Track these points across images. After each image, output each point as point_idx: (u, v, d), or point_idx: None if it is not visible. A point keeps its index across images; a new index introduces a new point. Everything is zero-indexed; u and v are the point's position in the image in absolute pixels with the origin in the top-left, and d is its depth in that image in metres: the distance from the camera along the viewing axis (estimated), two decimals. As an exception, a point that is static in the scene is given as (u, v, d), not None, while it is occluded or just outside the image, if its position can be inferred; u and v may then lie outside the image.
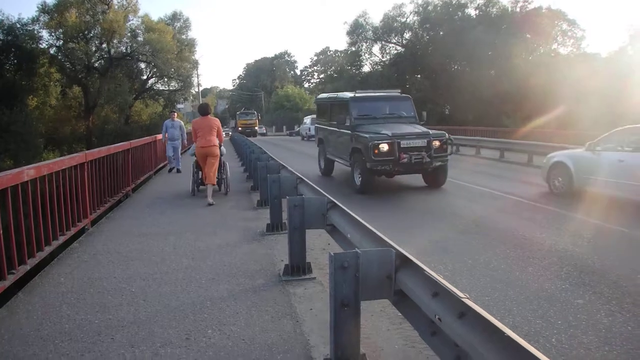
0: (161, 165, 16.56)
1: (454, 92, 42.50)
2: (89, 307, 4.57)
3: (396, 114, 12.97)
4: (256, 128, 57.12)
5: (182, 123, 16.54)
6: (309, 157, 19.85)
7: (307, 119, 42.42)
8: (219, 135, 10.23)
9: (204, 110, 10.38)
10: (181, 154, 16.65)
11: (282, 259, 5.87)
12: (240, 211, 9.26)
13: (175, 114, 16.30)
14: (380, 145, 10.94)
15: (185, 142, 17.99)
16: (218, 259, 6.05)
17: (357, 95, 13.23)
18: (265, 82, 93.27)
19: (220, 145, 10.37)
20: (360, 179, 11.62)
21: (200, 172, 10.93)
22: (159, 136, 16.03)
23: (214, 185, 10.36)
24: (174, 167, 15.93)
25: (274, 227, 7.39)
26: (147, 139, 14.58)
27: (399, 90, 13.94)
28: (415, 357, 3.66)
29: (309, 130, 37.45)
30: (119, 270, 5.69)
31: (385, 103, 13.36)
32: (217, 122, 10.37)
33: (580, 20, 58.79)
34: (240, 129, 52.72)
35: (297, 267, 5.33)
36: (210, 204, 9.74)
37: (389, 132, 11.27)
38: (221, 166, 11.02)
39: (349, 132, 12.31)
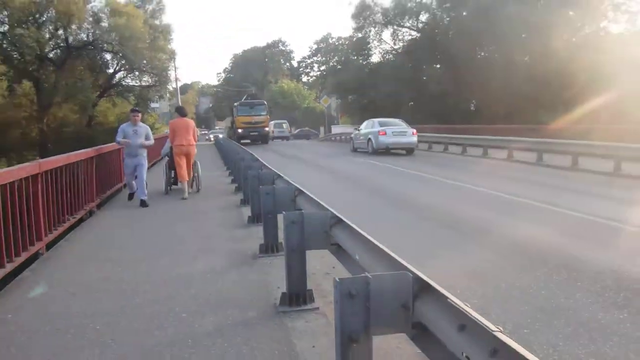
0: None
1: (480, 84, 42.48)
2: (43, 350, 4.54)
3: None
4: (267, 129, 43.74)
5: (149, 129, 12.73)
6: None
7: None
8: (194, 135, 13.28)
9: (183, 112, 14.02)
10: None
11: (278, 286, 5.85)
12: (227, 229, 9.27)
13: (139, 115, 12.50)
14: None
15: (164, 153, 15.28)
16: (202, 288, 6.04)
17: None
18: (256, 75, 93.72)
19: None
20: None
21: (172, 172, 13.77)
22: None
23: (187, 180, 13.11)
24: (134, 192, 12.46)
25: (269, 248, 7.39)
26: (116, 145, 14.49)
27: None
28: (439, 404, 3.64)
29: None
30: (81, 303, 5.66)
31: None
32: (193, 123, 13.79)
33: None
34: (240, 130, 41.08)
35: (297, 296, 5.32)
36: (184, 198, 12.67)
37: None
38: (196, 165, 13.89)
39: None
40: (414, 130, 26.79)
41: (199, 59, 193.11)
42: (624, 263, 6.79)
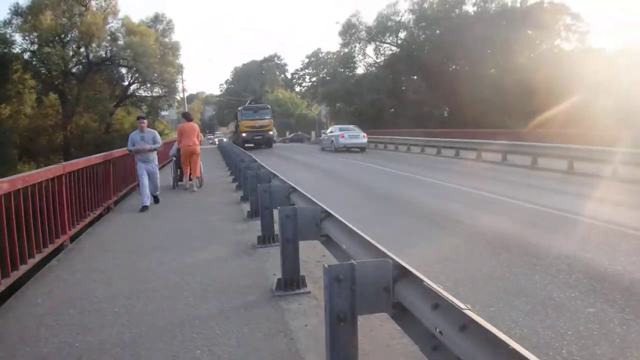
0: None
1: (452, 93, 42.76)
2: (68, 329, 4.53)
3: None
4: (271, 133, 40.00)
5: (156, 133, 11.76)
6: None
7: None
8: (198, 137, 14.00)
9: (189, 117, 14.73)
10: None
11: (274, 272, 5.85)
12: (229, 223, 9.25)
13: (145, 121, 11.54)
14: None
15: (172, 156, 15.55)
16: (207, 275, 6.03)
17: None
18: (254, 86, 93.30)
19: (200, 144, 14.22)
20: None
21: (179, 170, 14.43)
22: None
23: (197, 177, 14.11)
24: (146, 206, 10.90)
25: (266, 239, 7.38)
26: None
27: None
28: (416, 374, 3.66)
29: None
30: (101, 289, 5.65)
31: None
32: (197, 127, 14.53)
33: (584, 14, 59.31)
34: (244, 135, 37.85)
35: (291, 281, 5.32)
36: (193, 191, 13.55)
37: None
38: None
39: None
40: (365, 134, 31.35)
41: (203, 71, 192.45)
42: (575, 249, 6.83)
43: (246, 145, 35.42)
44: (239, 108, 41.90)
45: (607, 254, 6.58)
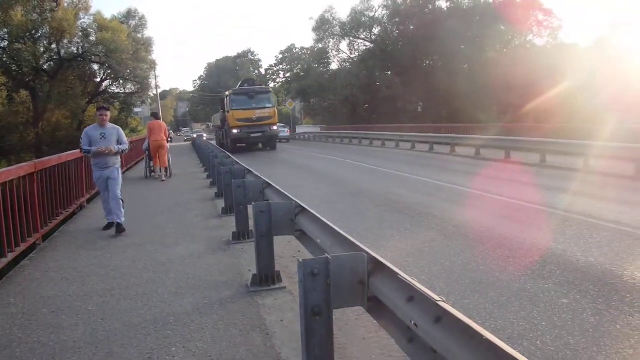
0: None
1: (426, 89, 43.04)
2: (41, 329, 4.47)
3: None
4: (275, 129, 29.49)
5: (120, 130, 8.69)
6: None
7: None
8: (165, 134, 15.82)
9: (157, 116, 17.17)
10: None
11: (249, 268, 5.82)
12: (204, 220, 9.18)
13: (107, 113, 8.50)
14: None
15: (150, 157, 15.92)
16: (181, 272, 5.98)
17: None
18: (228, 82, 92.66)
19: (169, 140, 16.41)
20: None
21: (151, 161, 16.26)
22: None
23: (165, 167, 15.81)
24: (112, 222, 8.38)
25: (241, 235, 7.34)
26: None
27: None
28: (392, 367, 3.67)
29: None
30: (74, 287, 5.58)
31: None
32: (165, 125, 16.68)
33: (557, 9, 60.13)
34: (236, 131, 27.50)
35: (266, 277, 5.29)
36: (162, 180, 15.32)
37: None
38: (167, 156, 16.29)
39: None
40: (288, 129, 36.96)
41: (176, 67, 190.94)
42: (548, 241, 6.93)
43: (238, 145, 27.80)
44: (227, 93, 30.07)
45: (579, 245, 6.67)
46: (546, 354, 3.87)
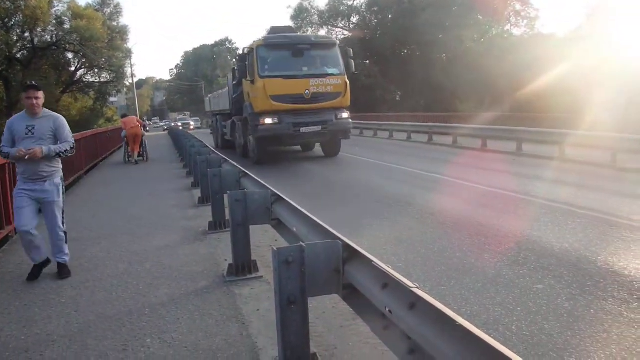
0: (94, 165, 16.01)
1: (405, 78, 43.12)
2: (14, 323, 4.40)
3: None
4: (346, 116, 15.61)
5: (62, 121, 5.67)
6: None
7: None
8: (138, 122, 18.51)
9: (127, 114, 20.52)
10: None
11: (226, 258, 5.79)
12: (180, 210, 9.11)
13: (39, 94, 5.43)
14: None
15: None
16: (157, 262, 5.93)
17: None
18: (205, 71, 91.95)
19: (145, 128, 20.56)
20: None
21: (128, 147, 18.28)
22: (88, 132, 15.58)
23: (138, 152, 18.21)
24: (42, 262, 5.65)
25: (217, 225, 7.30)
26: (75, 136, 14.03)
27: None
28: (369, 354, 3.67)
29: None
30: (47, 279, 5.50)
31: None
32: (135, 118, 19.54)
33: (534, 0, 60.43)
34: (270, 121, 14.71)
35: (242, 267, 5.27)
36: (136, 163, 17.56)
37: None
38: (143, 142, 18.82)
39: None
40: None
41: (153, 56, 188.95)
42: (523, 228, 6.99)
43: (269, 148, 16.00)
44: (253, 42, 15.88)
45: (554, 232, 6.75)
46: (521, 339, 3.90)
